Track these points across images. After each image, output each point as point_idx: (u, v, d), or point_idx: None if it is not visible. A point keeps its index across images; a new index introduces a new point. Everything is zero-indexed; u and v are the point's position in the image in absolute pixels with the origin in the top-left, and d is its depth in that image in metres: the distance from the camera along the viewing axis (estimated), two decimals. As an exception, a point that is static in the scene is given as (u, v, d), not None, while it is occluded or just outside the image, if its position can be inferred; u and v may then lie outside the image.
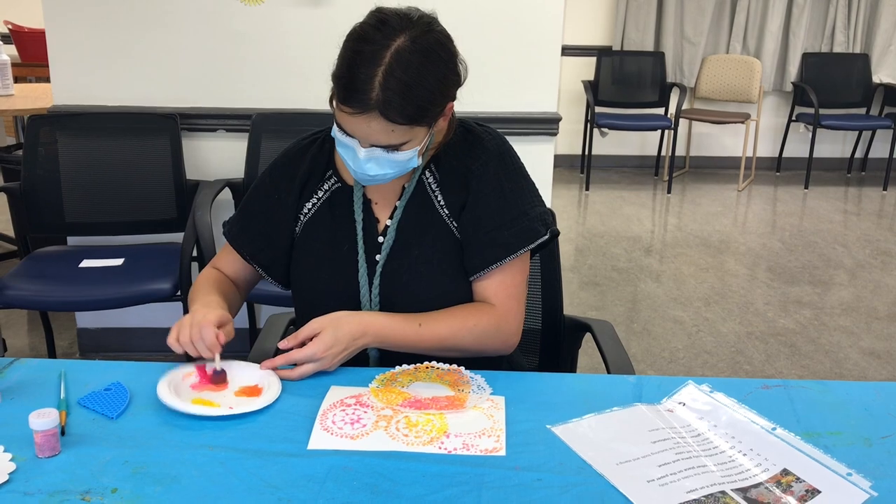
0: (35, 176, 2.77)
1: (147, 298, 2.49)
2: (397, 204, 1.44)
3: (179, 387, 1.28)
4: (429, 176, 1.44)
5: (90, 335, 3.12)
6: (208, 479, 1.05)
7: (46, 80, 3.43)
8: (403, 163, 1.32)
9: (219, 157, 2.95)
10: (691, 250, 4.59)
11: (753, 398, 1.28)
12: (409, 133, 1.28)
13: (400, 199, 1.44)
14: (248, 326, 2.89)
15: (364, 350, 1.39)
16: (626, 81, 6.15)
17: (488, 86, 2.88)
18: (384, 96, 1.22)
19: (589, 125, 5.98)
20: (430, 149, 1.43)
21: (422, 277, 1.42)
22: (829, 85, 6.18)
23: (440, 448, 1.14)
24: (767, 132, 6.46)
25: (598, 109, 5.99)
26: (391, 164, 1.31)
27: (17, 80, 4.12)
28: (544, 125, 2.93)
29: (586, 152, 5.98)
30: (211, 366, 1.32)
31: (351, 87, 1.23)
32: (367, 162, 1.30)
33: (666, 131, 6.22)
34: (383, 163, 1.31)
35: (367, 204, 1.46)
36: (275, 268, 1.52)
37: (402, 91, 1.23)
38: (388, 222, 1.44)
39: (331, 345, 1.31)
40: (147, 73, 2.86)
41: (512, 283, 1.43)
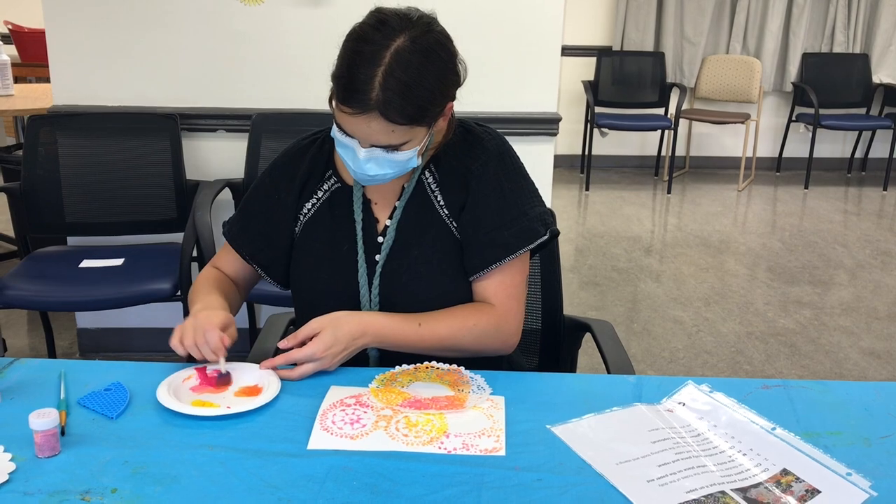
0: (35, 176, 2.77)
1: (147, 298, 2.49)
2: (397, 204, 1.45)
3: (179, 389, 1.28)
4: (428, 176, 1.44)
5: (90, 335, 3.12)
6: (208, 479, 1.05)
7: (46, 80, 3.43)
8: (403, 163, 1.32)
9: (219, 158, 2.96)
10: (691, 250, 4.59)
11: (753, 398, 1.28)
12: (409, 133, 1.28)
13: (399, 200, 1.44)
14: (248, 326, 2.88)
15: (364, 350, 1.39)
16: (626, 81, 6.15)
17: (488, 86, 2.88)
18: (384, 96, 1.22)
19: (589, 125, 5.98)
20: (429, 149, 1.43)
21: (421, 277, 1.42)
22: (829, 85, 6.18)
23: (440, 448, 1.14)
24: (767, 132, 6.46)
25: (598, 109, 5.99)
26: (391, 165, 1.31)
27: (17, 80, 4.12)
28: (544, 125, 2.93)
29: (586, 152, 5.99)
30: (214, 368, 1.32)
31: (351, 87, 1.23)
32: (367, 162, 1.30)
33: (666, 131, 6.22)
34: (383, 163, 1.31)
35: (366, 204, 1.46)
36: (274, 268, 1.52)
37: (402, 91, 1.23)
38: (388, 222, 1.44)
39: (330, 344, 1.31)
40: (147, 73, 2.86)
41: (512, 283, 1.44)
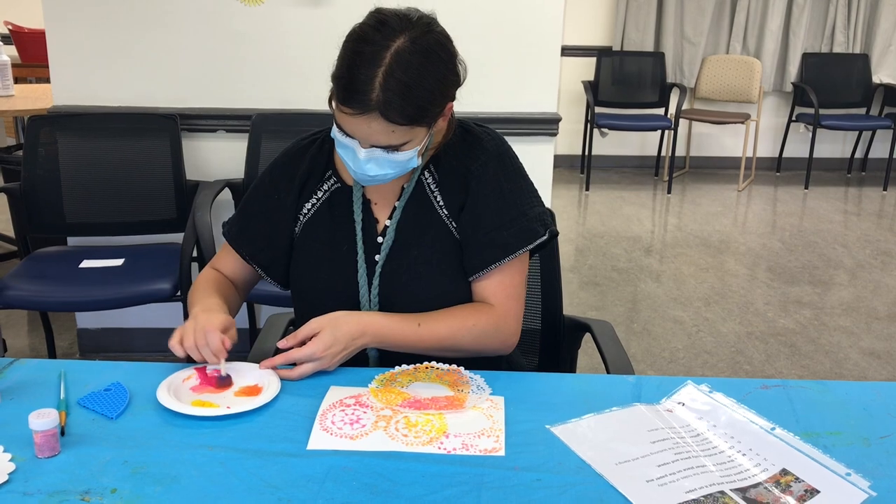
0: (35, 176, 2.77)
1: (147, 299, 2.49)
2: (396, 204, 1.45)
3: (179, 389, 1.28)
4: (428, 176, 1.44)
5: (90, 335, 3.12)
6: (208, 479, 1.06)
7: (46, 80, 3.43)
8: (403, 163, 1.32)
9: (219, 158, 2.96)
10: (691, 250, 4.59)
11: (752, 398, 1.28)
12: (410, 133, 1.28)
13: (399, 200, 1.45)
14: (248, 326, 2.88)
15: (363, 350, 1.39)
16: (626, 82, 6.15)
17: (488, 86, 2.88)
18: (384, 97, 1.22)
19: (589, 125, 5.98)
20: (429, 149, 1.43)
21: (421, 278, 1.42)
22: (829, 85, 6.18)
23: (439, 448, 1.14)
24: (767, 132, 6.46)
25: (598, 110, 5.99)
26: (391, 165, 1.31)
27: (17, 80, 4.12)
28: (544, 125, 2.93)
29: (586, 152, 5.99)
30: (214, 369, 1.32)
31: (351, 87, 1.23)
32: (367, 162, 1.30)
33: (666, 131, 6.22)
34: (383, 163, 1.31)
35: (366, 204, 1.46)
36: (274, 268, 1.52)
37: (402, 92, 1.23)
38: (388, 222, 1.45)
39: (330, 344, 1.31)
40: (147, 73, 2.86)
41: (511, 284, 1.44)
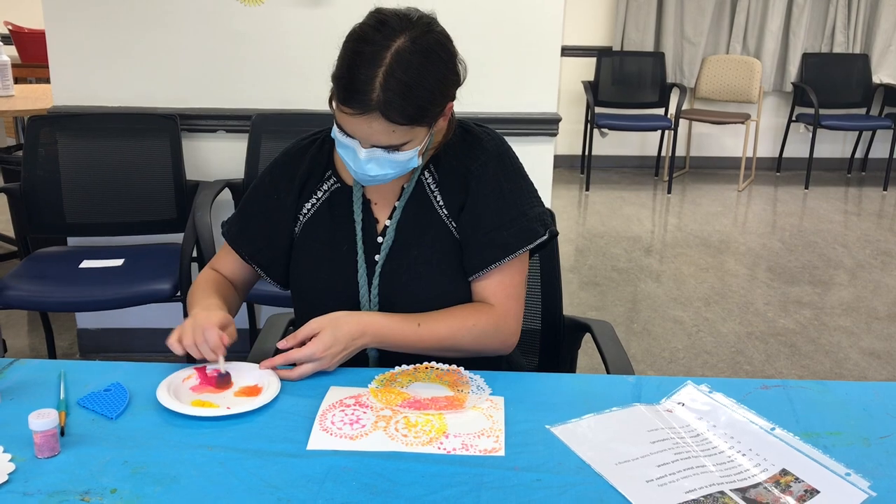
0: (35, 176, 2.77)
1: (147, 299, 2.50)
2: (396, 204, 1.45)
3: (179, 389, 1.28)
4: (428, 176, 1.44)
5: (90, 336, 3.12)
6: (208, 480, 1.06)
7: (46, 80, 3.44)
8: (404, 163, 1.32)
9: (219, 158, 2.96)
10: (691, 250, 4.59)
11: (752, 398, 1.28)
12: (410, 133, 1.28)
13: (399, 200, 1.45)
14: (248, 327, 2.89)
15: (363, 350, 1.39)
16: (626, 82, 6.15)
17: (488, 86, 2.88)
18: (385, 97, 1.22)
19: (589, 125, 5.98)
20: (429, 149, 1.43)
21: (421, 278, 1.42)
22: (829, 85, 6.18)
23: (439, 448, 1.14)
24: (767, 132, 6.46)
25: (598, 110, 5.99)
26: (392, 165, 1.32)
27: (17, 80, 4.12)
28: (544, 125, 2.93)
29: (586, 153, 5.99)
30: (213, 367, 1.32)
31: (351, 87, 1.23)
32: (368, 162, 1.30)
33: (666, 131, 6.22)
34: (384, 163, 1.31)
35: (366, 204, 1.46)
36: (274, 268, 1.52)
37: (403, 91, 1.23)
38: (388, 222, 1.45)
39: (330, 345, 1.31)
40: (147, 73, 2.86)
41: (511, 284, 1.44)
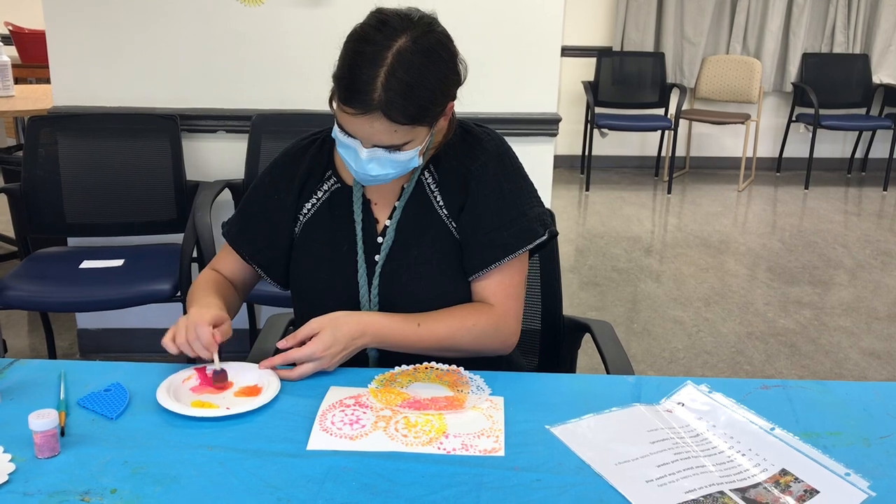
0: (35, 177, 2.77)
1: (147, 299, 2.50)
2: (396, 204, 1.45)
3: (179, 390, 1.28)
4: (428, 177, 1.45)
5: (90, 336, 3.12)
6: (207, 480, 1.06)
7: (47, 81, 3.44)
8: (405, 163, 1.32)
9: (219, 158, 2.96)
10: (691, 250, 4.59)
11: (752, 398, 1.28)
12: (411, 133, 1.29)
13: (399, 200, 1.45)
14: (248, 327, 2.89)
15: (363, 350, 1.39)
16: (626, 82, 6.15)
17: (488, 86, 2.88)
18: (386, 97, 1.22)
19: (589, 126, 5.98)
20: (430, 149, 1.43)
21: (421, 278, 1.42)
22: (829, 85, 6.18)
23: (439, 448, 1.14)
24: (767, 132, 6.46)
25: (598, 110, 5.99)
26: (393, 165, 1.32)
27: (17, 81, 4.12)
28: (544, 126, 2.93)
29: (586, 153, 5.99)
30: (211, 367, 1.32)
31: (353, 87, 1.23)
32: (369, 162, 1.30)
33: (666, 132, 6.22)
34: (385, 163, 1.31)
35: (366, 204, 1.46)
36: (274, 268, 1.52)
37: (404, 91, 1.23)
38: (388, 223, 1.45)
39: (329, 345, 1.31)
40: (147, 73, 2.86)
41: (511, 284, 1.44)
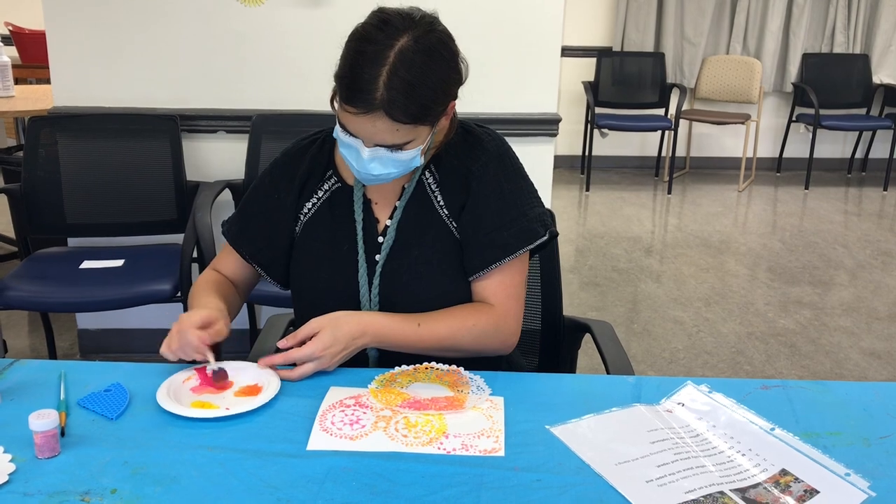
0: (36, 177, 2.78)
1: (147, 299, 2.50)
2: (397, 204, 1.45)
3: (179, 391, 1.28)
4: (428, 176, 1.45)
5: (91, 336, 3.12)
6: (208, 480, 1.06)
7: (47, 81, 3.44)
8: (407, 162, 1.32)
9: (219, 159, 2.96)
10: (692, 251, 4.59)
11: (752, 398, 1.28)
12: (414, 132, 1.29)
13: (400, 200, 1.45)
14: (248, 327, 2.89)
15: (363, 351, 1.39)
16: (627, 82, 6.15)
17: (488, 86, 2.88)
18: (388, 96, 1.22)
19: (589, 126, 5.98)
20: (430, 148, 1.43)
21: (421, 277, 1.42)
22: (829, 85, 6.18)
23: (439, 448, 1.14)
24: (768, 133, 6.46)
25: (599, 110, 5.99)
26: (395, 164, 1.32)
27: (17, 81, 4.12)
28: (544, 126, 2.93)
29: (586, 153, 5.99)
30: (210, 367, 1.32)
31: (355, 87, 1.23)
32: (371, 162, 1.30)
33: (666, 132, 6.22)
34: (387, 162, 1.31)
35: (366, 204, 1.46)
36: (274, 268, 1.52)
37: (407, 90, 1.23)
38: (388, 222, 1.45)
39: (329, 344, 1.32)
40: (147, 74, 2.86)
41: (511, 284, 1.44)
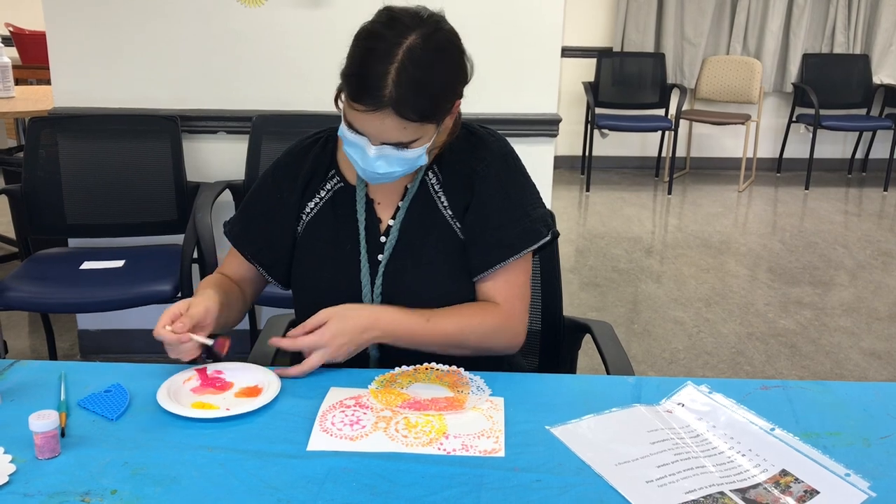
0: (36, 178, 2.78)
1: (148, 300, 2.50)
2: (400, 204, 1.45)
3: (179, 391, 1.28)
4: (431, 177, 1.45)
5: (91, 337, 3.12)
6: (208, 481, 1.06)
7: (47, 82, 3.43)
8: (412, 160, 1.32)
9: (219, 159, 2.96)
10: (692, 251, 4.59)
11: (752, 399, 1.28)
12: (420, 130, 1.29)
13: (403, 200, 1.45)
14: (248, 327, 2.89)
15: (364, 351, 1.39)
16: (627, 82, 6.15)
17: (488, 87, 2.87)
18: (397, 93, 1.22)
19: (589, 126, 5.98)
20: (434, 148, 1.43)
21: (424, 278, 1.42)
22: (829, 86, 6.17)
23: (439, 449, 1.14)
24: (768, 133, 6.46)
25: (599, 110, 5.99)
26: (400, 162, 1.31)
27: (17, 82, 4.11)
28: (544, 126, 2.93)
29: (587, 153, 5.99)
30: (214, 370, 1.32)
31: (363, 84, 1.23)
32: (377, 160, 1.30)
33: (666, 132, 6.22)
34: (392, 161, 1.31)
35: (369, 204, 1.46)
36: (276, 267, 1.52)
37: (415, 88, 1.23)
38: (391, 222, 1.45)
39: (336, 333, 1.31)
40: (147, 74, 2.86)
41: (516, 283, 1.44)
